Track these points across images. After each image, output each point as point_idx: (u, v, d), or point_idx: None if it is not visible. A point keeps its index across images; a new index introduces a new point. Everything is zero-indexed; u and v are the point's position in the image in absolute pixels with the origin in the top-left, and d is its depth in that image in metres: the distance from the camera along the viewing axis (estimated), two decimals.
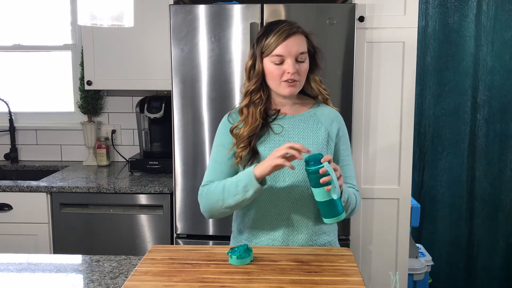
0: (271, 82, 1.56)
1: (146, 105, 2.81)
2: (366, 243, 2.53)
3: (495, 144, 3.09)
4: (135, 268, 1.40)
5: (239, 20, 2.26)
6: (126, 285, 1.30)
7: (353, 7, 2.25)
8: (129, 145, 3.18)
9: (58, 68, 3.22)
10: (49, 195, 2.56)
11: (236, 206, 1.52)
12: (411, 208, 2.54)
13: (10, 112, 3.10)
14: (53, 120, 3.23)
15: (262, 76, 1.57)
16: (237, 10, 2.26)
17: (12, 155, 3.15)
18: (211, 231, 2.42)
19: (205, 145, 2.36)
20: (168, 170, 2.71)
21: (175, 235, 2.45)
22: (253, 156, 1.56)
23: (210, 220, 2.40)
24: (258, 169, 1.44)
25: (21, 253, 1.63)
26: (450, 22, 3.02)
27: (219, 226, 2.41)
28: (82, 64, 2.94)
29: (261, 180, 1.46)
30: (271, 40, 1.52)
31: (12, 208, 2.57)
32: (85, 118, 3.13)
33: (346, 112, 2.30)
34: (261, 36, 1.56)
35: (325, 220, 1.46)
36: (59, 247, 2.58)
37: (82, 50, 2.91)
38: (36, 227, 2.57)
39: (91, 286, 1.37)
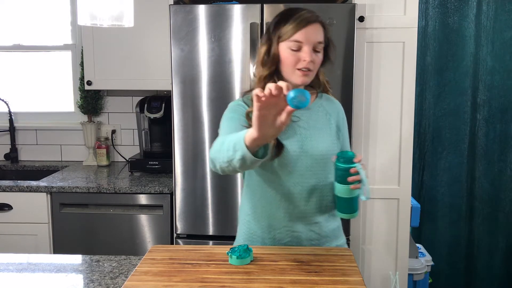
0: (285, 69, 1.50)
1: (146, 105, 2.81)
2: (366, 243, 2.53)
3: (495, 144, 3.09)
4: (135, 268, 1.40)
5: (239, 20, 2.26)
6: (126, 285, 1.30)
7: (353, 7, 2.25)
8: (129, 145, 3.18)
9: (58, 68, 3.22)
10: (49, 195, 2.56)
11: (229, 164, 1.31)
12: (411, 208, 2.54)
13: (10, 112, 3.10)
14: (53, 120, 3.23)
15: (277, 62, 1.51)
16: (237, 10, 2.26)
17: (12, 155, 3.15)
18: (211, 231, 2.42)
19: (205, 145, 2.36)
20: (168, 170, 2.71)
21: (175, 235, 2.45)
22: (278, 149, 1.47)
23: (210, 220, 2.40)
24: (249, 131, 1.23)
25: (21, 253, 1.63)
26: (450, 22, 3.02)
27: (219, 226, 2.41)
28: (82, 64, 2.94)
29: (258, 150, 1.25)
30: (290, 25, 1.47)
31: (12, 208, 2.57)
32: (85, 118, 3.13)
33: (346, 112, 2.28)
34: (279, 20, 1.51)
35: (340, 215, 1.50)
36: (59, 247, 2.58)
37: (82, 50, 2.91)
38: (36, 227, 2.57)
39: (91, 286, 1.37)
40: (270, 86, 1.11)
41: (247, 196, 1.64)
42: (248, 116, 1.48)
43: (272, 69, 1.51)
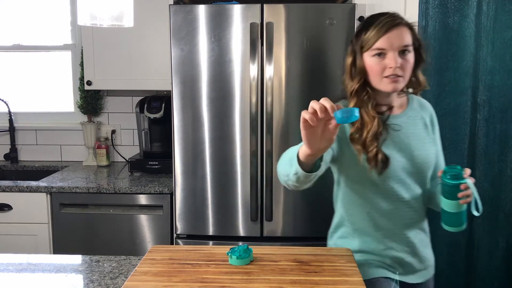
0: (373, 79, 1.47)
1: (146, 105, 2.81)
2: None
3: (495, 144, 3.09)
4: (135, 268, 1.40)
5: (239, 20, 2.26)
6: (126, 285, 1.29)
7: (353, 7, 2.25)
8: (129, 145, 3.18)
9: (58, 68, 3.22)
10: (49, 195, 2.56)
11: (288, 179, 1.34)
12: None
13: (10, 112, 3.10)
14: (53, 120, 3.23)
15: (365, 73, 1.47)
16: (237, 10, 2.26)
17: (12, 155, 3.15)
18: (211, 231, 2.41)
19: (205, 145, 2.35)
20: (168, 170, 2.71)
21: (175, 235, 2.45)
22: (385, 162, 1.46)
23: (210, 220, 2.40)
24: (302, 147, 1.22)
25: (21, 253, 1.63)
26: (450, 22, 3.01)
27: (219, 226, 2.41)
28: (82, 64, 2.94)
29: (312, 165, 1.27)
30: (371, 33, 1.44)
31: (12, 208, 2.57)
32: (85, 118, 3.13)
33: None
34: (360, 30, 1.48)
35: (447, 228, 1.48)
36: (59, 247, 2.57)
37: (82, 50, 2.91)
38: (36, 227, 2.57)
39: (91, 286, 1.37)
40: (315, 107, 1.08)
41: (351, 211, 1.60)
42: (353, 139, 1.47)
43: (361, 81, 1.47)
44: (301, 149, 1.20)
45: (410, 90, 1.58)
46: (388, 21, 1.43)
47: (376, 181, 1.50)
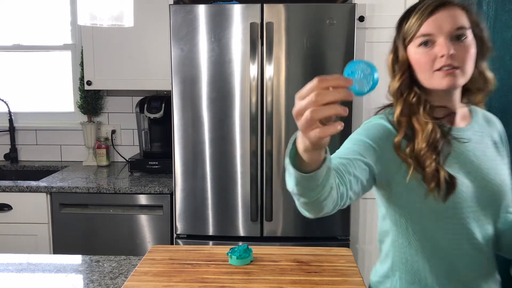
0: (421, 75, 1.14)
1: (146, 105, 2.81)
2: (366, 243, 2.53)
3: None
4: (135, 268, 1.40)
5: (239, 20, 2.26)
6: (126, 285, 1.29)
7: (353, 7, 2.25)
8: (129, 145, 3.17)
9: (58, 68, 3.22)
10: (49, 195, 2.56)
11: (293, 194, 0.94)
12: None
13: (10, 112, 3.10)
14: (53, 120, 3.23)
15: (408, 67, 1.16)
16: (237, 10, 2.26)
17: (12, 155, 3.15)
18: (211, 232, 2.41)
19: (205, 145, 2.35)
20: (168, 170, 2.71)
21: (175, 235, 2.45)
22: (450, 183, 1.10)
23: (210, 220, 2.40)
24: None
25: (20, 253, 1.63)
26: None
27: (219, 226, 2.41)
28: (82, 64, 2.94)
29: (306, 163, 0.84)
30: (413, 19, 1.14)
31: (12, 208, 2.57)
32: (85, 118, 3.13)
33: None
34: (401, 21, 1.20)
35: None
36: (59, 247, 2.57)
37: (82, 50, 2.91)
38: (36, 227, 2.57)
39: (91, 286, 1.37)
40: (329, 98, 0.73)
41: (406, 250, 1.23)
42: (399, 150, 1.13)
43: (405, 77, 1.16)
44: (298, 142, 0.81)
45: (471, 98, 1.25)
46: (433, 2, 1.13)
47: (439, 213, 1.14)
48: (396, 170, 1.14)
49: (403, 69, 1.16)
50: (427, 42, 1.12)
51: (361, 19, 2.34)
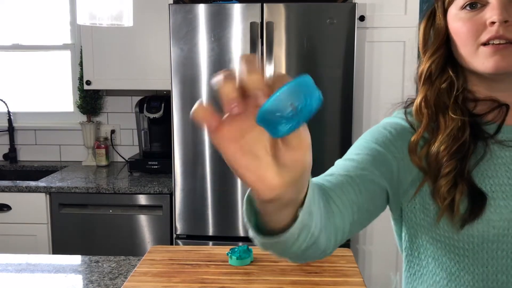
0: (462, 50, 0.80)
1: (145, 105, 2.81)
2: (366, 243, 2.52)
3: None
4: (135, 269, 1.39)
5: (239, 20, 2.26)
6: (125, 285, 1.29)
7: (353, 6, 2.25)
8: (129, 145, 3.17)
9: (57, 67, 3.22)
10: (48, 195, 2.55)
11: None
12: None
13: (9, 112, 3.09)
14: (52, 120, 3.22)
15: (446, 39, 0.84)
16: (237, 9, 2.26)
17: (11, 155, 3.14)
18: (211, 232, 2.41)
19: (205, 145, 2.35)
20: (167, 170, 2.71)
21: (174, 235, 2.45)
22: (476, 200, 0.76)
23: (210, 221, 2.40)
24: None
25: (20, 254, 1.63)
26: None
27: (219, 227, 2.40)
28: (81, 64, 2.94)
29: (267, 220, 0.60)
30: None
31: (11, 209, 2.56)
32: (84, 118, 3.13)
33: (347, 112, 2.30)
34: None
35: None
36: (58, 248, 2.57)
37: (81, 49, 2.91)
38: (35, 228, 2.56)
39: (90, 286, 1.36)
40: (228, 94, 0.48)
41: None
42: (415, 152, 0.81)
43: (438, 55, 0.83)
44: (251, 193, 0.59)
45: None
46: None
47: (453, 246, 0.81)
48: (410, 183, 0.83)
49: (438, 41, 0.83)
50: (475, 3, 0.78)
51: (362, 18, 2.34)
